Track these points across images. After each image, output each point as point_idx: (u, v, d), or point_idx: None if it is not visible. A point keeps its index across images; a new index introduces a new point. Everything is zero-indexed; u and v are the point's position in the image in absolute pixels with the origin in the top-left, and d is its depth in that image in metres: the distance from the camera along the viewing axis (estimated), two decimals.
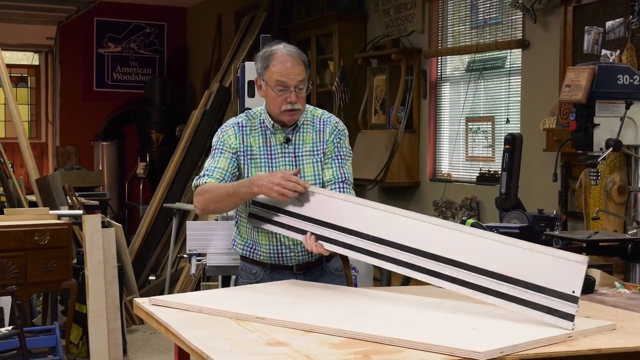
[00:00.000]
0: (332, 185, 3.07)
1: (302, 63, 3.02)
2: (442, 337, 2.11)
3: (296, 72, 2.99)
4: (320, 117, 3.15)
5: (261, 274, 3.13)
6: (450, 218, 6.31)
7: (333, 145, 3.11)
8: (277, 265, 3.10)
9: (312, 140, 3.11)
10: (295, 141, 3.10)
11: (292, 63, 2.99)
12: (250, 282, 3.13)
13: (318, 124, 3.13)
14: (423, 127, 6.93)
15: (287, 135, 3.09)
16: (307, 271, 3.11)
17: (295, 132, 3.11)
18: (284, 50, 3.01)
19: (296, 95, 3.00)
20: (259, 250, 3.12)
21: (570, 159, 5.22)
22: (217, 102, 8.49)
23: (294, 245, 3.06)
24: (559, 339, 2.16)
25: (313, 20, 8.21)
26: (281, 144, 3.09)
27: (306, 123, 3.13)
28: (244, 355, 2.05)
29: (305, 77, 3.02)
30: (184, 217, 7.86)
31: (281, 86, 2.99)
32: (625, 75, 3.76)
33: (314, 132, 3.12)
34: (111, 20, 11.38)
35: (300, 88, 3.01)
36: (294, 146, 3.09)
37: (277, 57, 3.00)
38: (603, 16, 5.13)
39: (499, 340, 2.09)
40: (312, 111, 3.18)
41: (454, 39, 6.72)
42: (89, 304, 5.61)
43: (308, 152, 3.10)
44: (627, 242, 3.79)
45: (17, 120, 6.81)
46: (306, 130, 3.12)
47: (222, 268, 4.08)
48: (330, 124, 3.14)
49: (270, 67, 3.00)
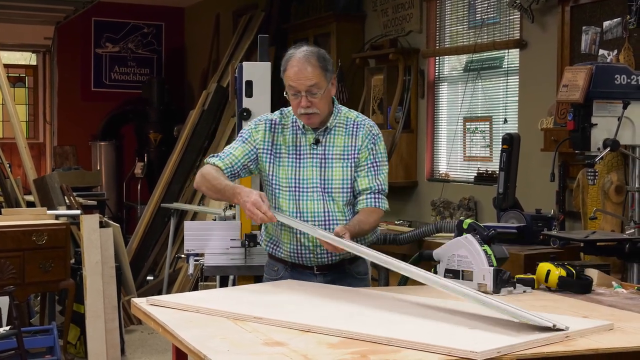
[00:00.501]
0: (367, 195, 3.06)
1: (315, 66, 2.98)
2: (440, 337, 2.12)
3: (306, 76, 2.97)
4: (354, 120, 3.12)
5: (282, 272, 3.16)
6: (448, 218, 6.31)
7: (367, 151, 3.09)
8: (298, 265, 3.12)
9: (343, 144, 3.09)
10: (325, 143, 3.08)
11: (302, 67, 2.98)
12: (272, 279, 3.15)
13: (351, 127, 3.10)
14: (421, 127, 6.93)
15: (317, 137, 3.08)
16: (327, 272, 3.12)
17: (326, 133, 3.09)
18: (299, 55, 3.01)
19: (308, 99, 2.98)
20: (281, 247, 3.14)
21: (568, 158, 5.22)
22: (214, 102, 8.49)
23: (313, 246, 3.07)
24: (556, 338, 2.16)
25: (311, 20, 8.21)
26: (310, 145, 3.08)
27: (338, 125, 3.11)
28: (242, 355, 2.06)
29: (319, 82, 2.98)
30: (182, 217, 7.86)
31: (293, 91, 3.00)
32: (622, 75, 3.76)
33: (346, 135, 3.09)
34: (109, 20, 11.37)
35: (314, 93, 2.98)
36: (323, 148, 3.08)
37: (291, 61, 3.01)
38: (600, 16, 5.13)
39: (496, 340, 2.09)
40: (346, 113, 3.15)
41: (452, 39, 6.72)
42: (86, 304, 5.61)
43: (338, 156, 3.08)
44: (625, 242, 3.80)
45: (14, 120, 6.81)
46: (338, 132, 3.10)
47: (220, 268, 4.08)
48: (364, 127, 3.11)
49: (286, 71, 3.02)
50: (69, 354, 5.75)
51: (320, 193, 3.06)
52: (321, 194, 3.06)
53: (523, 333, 2.16)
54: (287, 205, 3.08)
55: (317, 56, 3.01)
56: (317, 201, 3.06)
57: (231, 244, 4.09)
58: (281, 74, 3.07)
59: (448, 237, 4.27)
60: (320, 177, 3.07)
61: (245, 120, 4.26)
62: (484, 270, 2.86)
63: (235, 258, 4.07)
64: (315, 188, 3.06)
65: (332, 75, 3.06)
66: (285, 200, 3.09)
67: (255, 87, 4.27)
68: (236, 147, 3.14)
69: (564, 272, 2.94)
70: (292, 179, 3.08)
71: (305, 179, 3.07)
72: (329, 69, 3.04)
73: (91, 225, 5.71)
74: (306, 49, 3.04)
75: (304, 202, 3.06)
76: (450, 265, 2.97)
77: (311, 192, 3.06)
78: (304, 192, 3.06)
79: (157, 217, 8.27)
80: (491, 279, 2.84)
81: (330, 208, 3.06)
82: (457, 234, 3.02)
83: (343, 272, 3.14)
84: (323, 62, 3.01)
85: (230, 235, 4.10)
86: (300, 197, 3.07)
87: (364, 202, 3.08)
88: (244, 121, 4.26)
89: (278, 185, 3.11)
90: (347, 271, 3.15)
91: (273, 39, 8.34)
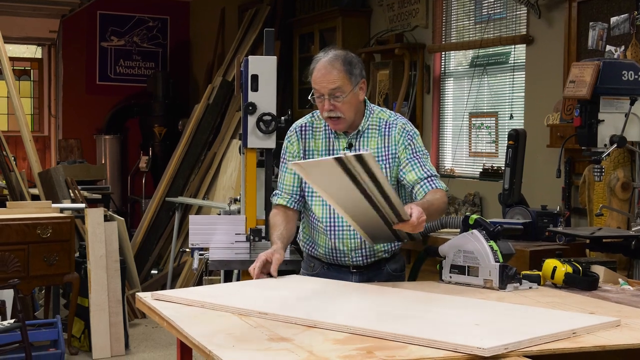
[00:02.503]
0: (422, 184, 3.01)
1: (340, 70, 2.94)
2: (446, 333, 2.11)
3: (328, 80, 2.94)
4: (386, 121, 3.09)
5: (318, 268, 3.17)
6: (453, 213, 6.30)
7: (404, 147, 3.06)
8: (334, 264, 3.13)
9: (376, 145, 3.06)
10: (359, 146, 3.05)
11: (325, 71, 2.95)
12: (309, 274, 3.17)
13: (384, 128, 3.08)
14: (426, 123, 6.92)
15: (350, 141, 3.05)
16: (364, 271, 3.11)
17: (359, 137, 3.06)
18: (325, 58, 2.97)
19: (331, 102, 2.95)
20: (317, 248, 3.15)
21: (574, 155, 5.21)
22: (220, 97, 8.48)
23: (348, 250, 3.07)
24: (563, 335, 2.15)
25: (317, 15, 8.20)
26: (344, 149, 3.04)
27: (371, 127, 3.08)
28: (247, 350, 2.05)
29: (342, 85, 2.94)
30: (187, 211, 7.86)
31: (317, 94, 2.98)
32: (630, 71, 3.75)
33: (379, 136, 3.07)
34: (114, 13, 11.36)
35: (336, 96, 2.95)
36: (356, 152, 2.97)
37: (318, 64, 2.98)
38: (608, 12, 5.11)
39: (503, 336, 2.08)
40: (378, 114, 3.12)
41: (458, 34, 6.71)
42: (91, 297, 5.61)
43: None
44: (631, 238, 3.79)
45: (19, 114, 6.80)
46: (371, 135, 3.07)
47: (225, 262, 4.07)
48: (397, 126, 3.08)
49: (312, 75, 3.00)
50: (73, 347, 5.76)
51: None
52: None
53: (530, 329, 2.15)
54: (320, 212, 3.06)
55: (342, 60, 2.97)
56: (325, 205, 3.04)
57: (236, 238, 4.08)
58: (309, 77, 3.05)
59: (453, 232, 4.27)
60: None
61: (251, 114, 4.26)
62: (490, 266, 2.85)
63: (240, 252, 4.06)
64: None
65: (360, 79, 3.01)
66: (318, 207, 3.07)
67: (260, 81, 4.27)
68: (285, 175, 3.13)
69: (570, 268, 2.93)
70: None
71: None
72: (355, 73, 2.98)
73: (96, 219, 5.71)
74: (334, 52, 3.00)
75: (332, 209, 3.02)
76: (456, 261, 2.96)
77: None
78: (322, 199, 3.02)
79: (161, 211, 8.27)
80: (497, 275, 2.84)
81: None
82: (463, 230, 3.01)
83: (379, 270, 3.13)
84: (348, 66, 2.96)
85: (235, 229, 4.09)
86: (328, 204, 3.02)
87: (421, 190, 3.01)
88: (249, 115, 4.26)
89: (310, 193, 3.10)
90: (383, 269, 3.14)
91: (278, 33, 8.34)
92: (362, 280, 3.06)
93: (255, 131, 4.26)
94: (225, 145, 8.13)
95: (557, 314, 2.45)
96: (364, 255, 3.08)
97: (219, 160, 8.13)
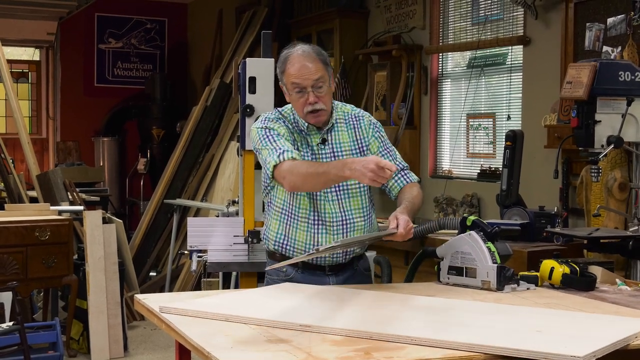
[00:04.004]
0: (396, 178, 3.04)
1: (318, 61, 2.93)
2: (518, 341, 2.07)
3: (310, 71, 2.91)
4: (350, 113, 3.10)
5: (292, 273, 3.04)
6: (451, 214, 6.31)
7: (376, 139, 3.07)
8: (310, 265, 3.02)
9: (349, 139, 3.05)
10: (332, 141, 3.03)
11: (305, 63, 2.92)
12: (280, 280, 3.02)
13: (351, 120, 3.08)
14: (424, 124, 6.93)
15: (323, 136, 3.03)
16: (339, 272, 3.05)
17: (331, 131, 3.04)
18: (299, 52, 2.95)
19: (315, 95, 2.93)
20: (292, 245, 3.02)
21: (571, 155, 5.22)
22: (217, 98, 8.48)
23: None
24: (629, 339, 2.16)
25: (314, 16, 8.20)
26: (317, 146, 3.01)
27: (339, 121, 3.07)
28: (245, 352, 2.05)
29: (323, 75, 2.93)
30: (185, 213, 7.86)
31: (298, 88, 2.93)
32: (626, 72, 3.75)
33: (349, 129, 3.06)
34: (112, 15, 11.36)
35: (319, 87, 2.93)
36: (331, 146, 3.02)
37: (291, 59, 2.94)
38: (604, 13, 5.12)
39: (584, 343, 2.04)
40: (341, 107, 3.12)
41: (455, 36, 6.71)
42: (89, 299, 5.61)
43: (347, 152, 3.02)
44: (628, 239, 3.79)
45: (17, 116, 6.80)
46: (340, 128, 3.06)
47: (223, 264, 4.08)
48: (364, 118, 3.10)
49: (286, 70, 2.95)
50: (72, 349, 5.75)
51: (335, 193, 2.99)
52: (336, 194, 2.99)
53: (596, 335, 2.15)
54: (305, 207, 2.99)
55: (315, 51, 2.97)
56: (332, 202, 2.99)
57: (234, 240, 4.08)
58: (279, 75, 3.00)
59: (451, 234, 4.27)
60: None
61: (249, 116, 4.26)
62: (487, 267, 2.86)
63: (238, 254, 4.06)
64: (330, 188, 2.98)
65: (332, 70, 3.02)
66: (304, 202, 3.00)
67: (258, 83, 4.27)
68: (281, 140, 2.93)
69: (568, 269, 2.94)
70: None
71: None
72: (329, 63, 3.00)
73: (94, 221, 5.71)
74: (301, 46, 2.98)
75: (320, 203, 2.98)
76: (453, 262, 2.96)
77: (325, 193, 2.98)
78: (319, 194, 2.98)
79: (159, 213, 8.27)
80: (495, 276, 2.84)
81: (347, 207, 3.00)
82: (461, 231, 3.02)
83: (352, 269, 3.08)
84: (322, 56, 2.97)
85: (234, 231, 4.09)
86: (317, 198, 2.99)
87: (395, 185, 3.06)
88: (247, 117, 4.26)
89: None
90: (356, 268, 3.09)
91: (276, 35, 8.34)
92: (339, 283, 3.00)
93: None
94: (223, 147, 8.13)
95: (603, 317, 2.43)
96: (344, 252, 3.00)
97: (217, 162, 8.13)
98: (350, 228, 3.00)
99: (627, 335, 2.15)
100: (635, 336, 2.18)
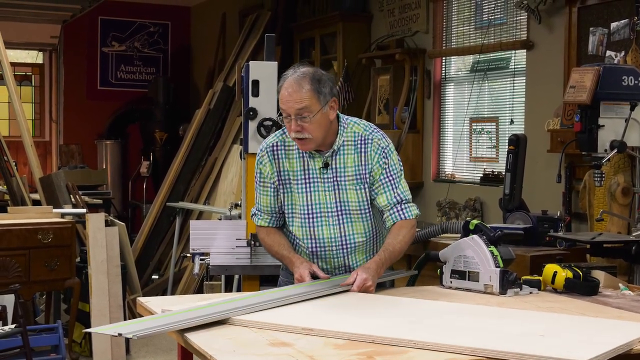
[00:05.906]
0: (390, 211, 2.94)
1: (307, 89, 2.80)
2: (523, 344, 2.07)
3: (295, 99, 2.80)
4: (361, 135, 2.94)
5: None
6: (453, 218, 6.30)
7: (380, 167, 2.93)
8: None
9: (354, 164, 2.92)
10: (336, 165, 2.92)
11: (292, 89, 2.81)
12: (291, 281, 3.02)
13: (360, 143, 2.93)
14: (427, 128, 6.92)
15: (326, 160, 2.93)
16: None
17: (335, 155, 2.93)
18: (293, 76, 2.84)
19: (298, 123, 2.81)
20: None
21: (575, 160, 5.21)
22: (220, 102, 8.49)
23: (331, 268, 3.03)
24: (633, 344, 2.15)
25: (317, 20, 8.21)
26: (320, 169, 2.93)
27: (347, 143, 2.94)
28: (248, 355, 2.05)
29: (309, 105, 2.80)
30: (187, 216, 7.86)
31: (285, 114, 2.85)
32: (630, 76, 3.75)
33: (356, 153, 2.92)
34: (115, 19, 11.38)
35: (303, 116, 2.80)
36: (334, 171, 2.92)
37: (285, 83, 2.85)
38: (608, 17, 5.12)
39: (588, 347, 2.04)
40: (352, 127, 2.96)
41: (458, 40, 6.71)
42: (92, 302, 5.61)
43: (350, 178, 2.93)
44: (631, 243, 3.79)
45: (21, 119, 6.81)
46: (347, 151, 2.93)
47: (225, 267, 4.07)
48: (373, 142, 2.93)
49: (279, 92, 2.87)
50: (74, 352, 5.75)
51: (336, 217, 2.95)
52: (337, 218, 2.95)
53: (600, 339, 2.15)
54: (300, 232, 2.99)
55: (310, 78, 2.82)
56: (332, 226, 2.95)
57: (237, 244, 4.08)
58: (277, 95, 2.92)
59: (454, 237, 4.27)
60: (335, 201, 2.94)
61: (252, 119, 4.26)
62: (490, 272, 2.85)
63: (240, 257, 4.06)
64: (331, 213, 2.94)
65: (331, 98, 2.86)
66: (298, 227, 2.99)
67: (261, 87, 4.28)
68: (260, 196, 3.02)
69: (571, 273, 2.93)
70: (305, 205, 2.95)
71: (318, 204, 2.95)
72: (324, 91, 2.84)
73: (97, 224, 5.72)
74: (302, 70, 2.85)
75: (318, 228, 2.96)
76: (456, 266, 2.96)
77: (326, 217, 2.95)
78: (318, 218, 2.95)
79: (162, 216, 8.27)
80: (497, 280, 2.84)
81: (348, 232, 2.97)
82: (464, 235, 3.01)
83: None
84: (317, 84, 2.82)
85: (236, 234, 4.09)
86: (314, 223, 2.96)
87: (390, 218, 2.96)
88: (250, 120, 4.26)
89: (291, 213, 3.00)
90: None
91: (279, 39, 8.34)
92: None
93: (256, 136, 4.26)
94: (226, 150, 8.14)
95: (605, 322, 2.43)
96: (348, 271, 3.00)
97: (219, 165, 8.13)
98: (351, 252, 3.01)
99: (630, 339, 2.15)
100: (638, 341, 2.17)
